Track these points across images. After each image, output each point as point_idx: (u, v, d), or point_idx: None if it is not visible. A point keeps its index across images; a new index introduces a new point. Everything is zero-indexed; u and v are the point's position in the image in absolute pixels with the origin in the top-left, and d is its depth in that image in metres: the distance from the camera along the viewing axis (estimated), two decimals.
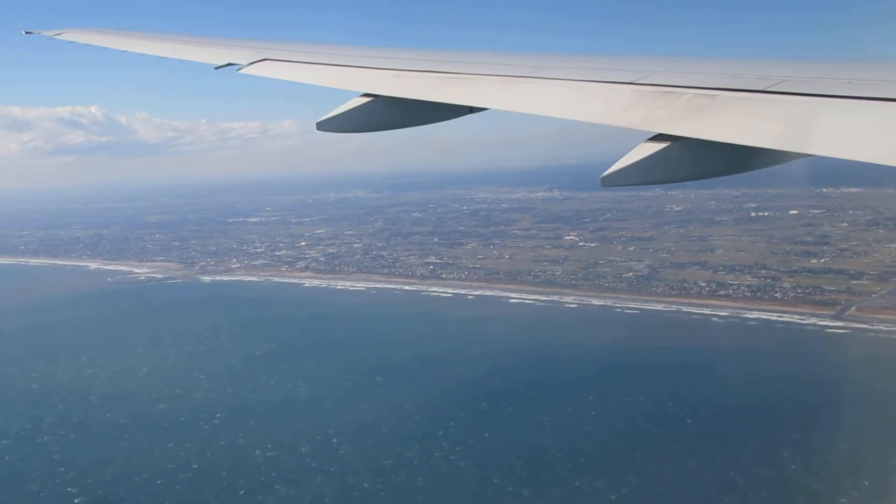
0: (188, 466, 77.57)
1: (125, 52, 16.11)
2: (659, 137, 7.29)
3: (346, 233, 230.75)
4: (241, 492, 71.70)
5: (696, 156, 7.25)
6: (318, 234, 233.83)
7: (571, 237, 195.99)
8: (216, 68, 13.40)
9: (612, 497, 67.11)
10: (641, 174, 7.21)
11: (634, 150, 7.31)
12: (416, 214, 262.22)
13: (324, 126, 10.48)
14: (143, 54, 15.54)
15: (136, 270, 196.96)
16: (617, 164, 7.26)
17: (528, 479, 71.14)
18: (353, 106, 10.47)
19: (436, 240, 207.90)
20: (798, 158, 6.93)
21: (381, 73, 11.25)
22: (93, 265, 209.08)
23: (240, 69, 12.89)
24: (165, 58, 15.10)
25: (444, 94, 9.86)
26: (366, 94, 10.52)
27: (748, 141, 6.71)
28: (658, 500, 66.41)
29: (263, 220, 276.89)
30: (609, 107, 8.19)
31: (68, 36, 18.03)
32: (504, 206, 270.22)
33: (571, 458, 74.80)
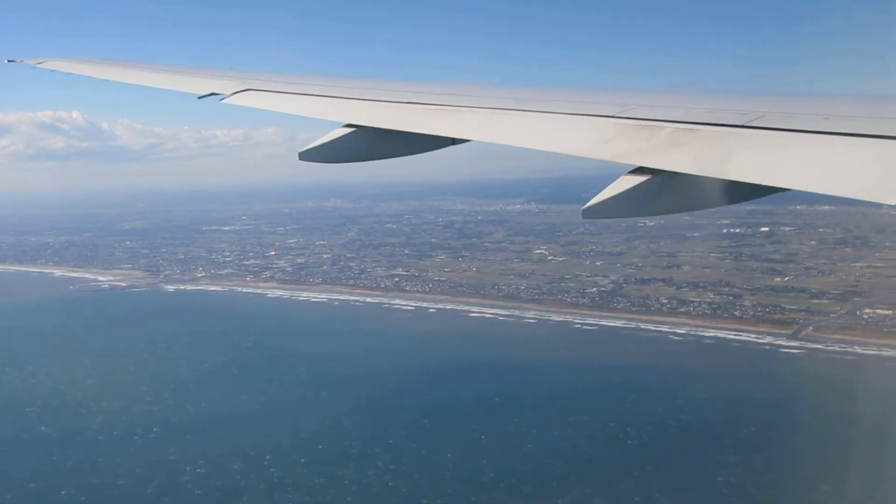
0: (114, 483, 75.69)
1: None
2: (640, 170, 7.33)
3: (318, 243, 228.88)
4: None
5: (676, 189, 7.29)
6: (289, 243, 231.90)
7: (541, 251, 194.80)
8: (199, 98, 13.30)
9: None
10: (622, 207, 7.24)
11: (615, 182, 7.33)
12: (390, 225, 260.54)
13: (306, 156, 10.34)
14: (127, 84, 15.83)
15: (100, 278, 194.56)
16: (598, 196, 7.27)
17: (458, 501, 69.60)
18: (335, 136, 10.42)
19: (406, 251, 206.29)
20: (776, 193, 6.81)
21: (365, 104, 11.33)
22: (58, 272, 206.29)
23: (223, 99, 12.89)
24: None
25: (427, 125, 9.94)
26: (349, 125, 10.48)
27: (728, 175, 6.77)
28: None
29: (237, 228, 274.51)
30: (591, 139, 8.25)
31: (51, 65, 18.14)
32: (479, 218, 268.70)
33: (505, 478, 73.36)
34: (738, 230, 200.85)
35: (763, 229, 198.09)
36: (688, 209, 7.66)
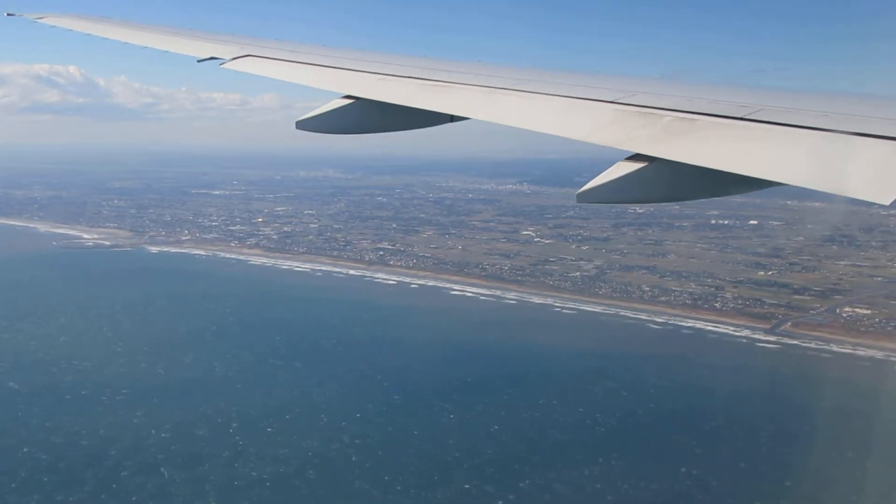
0: (77, 444, 75.06)
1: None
2: (637, 157, 7.32)
3: (306, 212, 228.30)
4: (124, 473, 69.32)
5: (671, 178, 7.27)
6: (277, 211, 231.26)
7: (528, 232, 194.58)
8: (198, 61, 13.32)
9: (500, 503, 65.49)
10: (617, 192, 7.24)
11: (611, 168, 7.29)
12: (380, 198, 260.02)
13: (303, 125, 10.37)
14: (126, 43, 15.49)
15: (85, 236, 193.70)
16: (593, 181, 7.23)
17: (420, 479, 69.32)
18: (334, 107, 10.39)
19: (394, 225, 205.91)
20: (770, 187, 6.89)
21: (365, 76, 11.23)
22: (42, 227, 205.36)
23: (222, 63, 12.84)
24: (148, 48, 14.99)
25: (426, 101, 9.92)
26: (347, 97, 10.45)
27: (723, 166, 6.73)
28: None
29: (227, 193, 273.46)
30: (591, 124, 8.23)
31: (51, 20, 18.05)
32: (470, 196, 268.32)
33: (469, 459, 72.99)
34: (726, 221, 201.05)
35: (752, 222, 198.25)
36: (681, 199, 7.67)
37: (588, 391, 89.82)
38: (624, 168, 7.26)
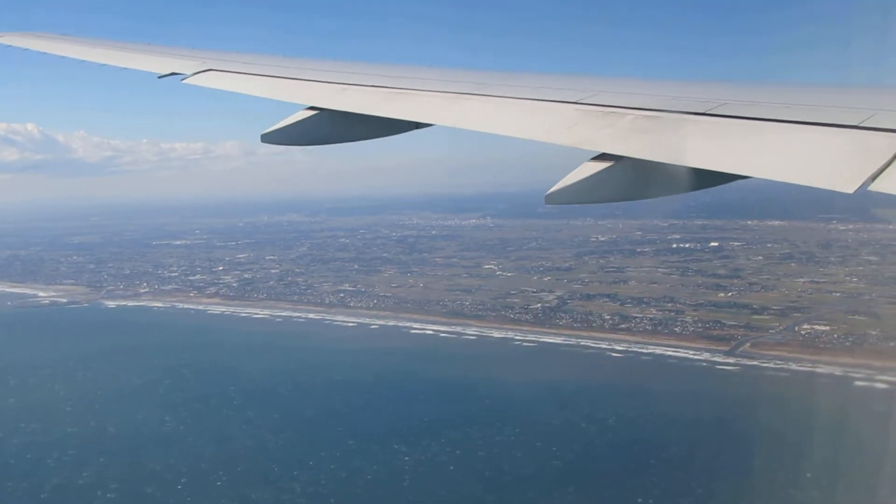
0: None
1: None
2: (602, 157, 7.33)
3: (268, 258, 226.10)
4: None
5: (638, 176, 7.29)
6: (238, 258, 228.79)
7: (490, 266, 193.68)
8: (159, 77, 13.07)
9: None
10: (584, 193, 7.24)
11: (578, 168, 7.33)
12: (343, 240, 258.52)
13: (268, 138, 10.19)
14: (85, 61, 15.20)
15: (41, 294, 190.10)
16: (560, 182, 7.25)
17: None
18: (298, 119, 10.27)
19: (355, 266, 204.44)
20: (736, 180, 6.89)
21: (327, 86, 11.19)
22: None
23: (184, 79, 12.63)
24: (108, 71, 14.87)
25: (389, 108, 9.90)
26: (311, 108, 10.35)
27: (689, 162, 6.82)
28: None
29: (188, 243, 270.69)
30: (553, 125, 8.22)
31: (6, 40, 17.64)
32: (434, 232, 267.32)
33: (423, 499, 71.69)
34: (687, 245, 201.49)
35: (712, 244, 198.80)
36: (649, 196, 7.69)
37: (545, 424, 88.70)
38: (590, 168, 7.28)
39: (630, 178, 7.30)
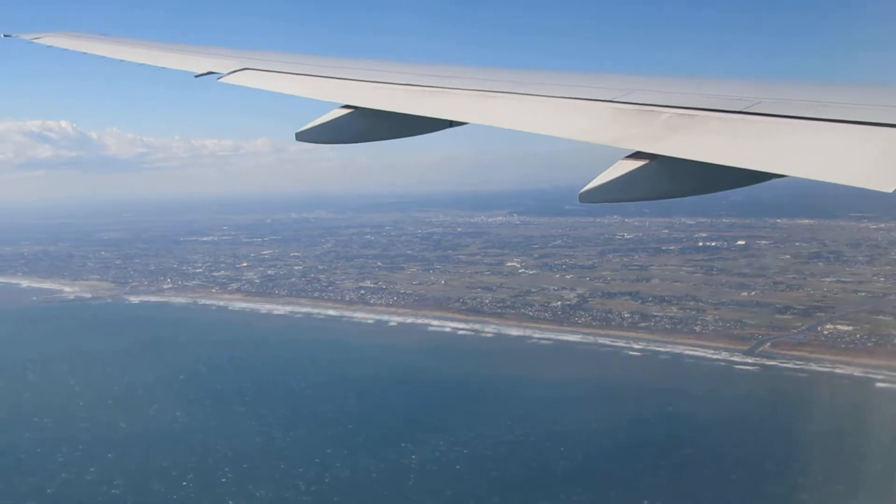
0: None
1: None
2: (637, 155, 7.29)
3: (292, 254, 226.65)
4: None
5: (672, 174, 7.23)
6: (263, 254, 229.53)
7: (513, 263, 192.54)
8: (196, 76, 13.10)
9: None
10: (618, 191, 7.20)
11: (612, 167, 7.29)
12: (368, 237, 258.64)
13: (303, 136, 10.22)
14: (123, 60, 15.34)
15: (66, 289, 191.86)
16: (594, 180, 7.21)
17: None
18: (333, 117, 10.27)
19: (379, 263, 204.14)
20: (772, 179, 6.76)
21: (362, 84, 11.18)
22: (25, 283, 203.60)
23: (220, 78, 12.71)
24: (141, 69, 14.88)
25: (424, 107, 9.82)
26: (346, 106, 10.34)
27: (724, 161, 6.70)
28: None
29: (215, 239, 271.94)
30: (588, 124, 8.19)
31: (47, 40, 17.83)
32: (459, 230, 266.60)
33: (429, 498, 71.01)
34: (713, 243, 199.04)
35: (739, 242, 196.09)
36: (683, 194, 7.54)
37: (556, 423, 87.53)
38: (624, 166, 7.22)
39: (665, 177, 7.24)
